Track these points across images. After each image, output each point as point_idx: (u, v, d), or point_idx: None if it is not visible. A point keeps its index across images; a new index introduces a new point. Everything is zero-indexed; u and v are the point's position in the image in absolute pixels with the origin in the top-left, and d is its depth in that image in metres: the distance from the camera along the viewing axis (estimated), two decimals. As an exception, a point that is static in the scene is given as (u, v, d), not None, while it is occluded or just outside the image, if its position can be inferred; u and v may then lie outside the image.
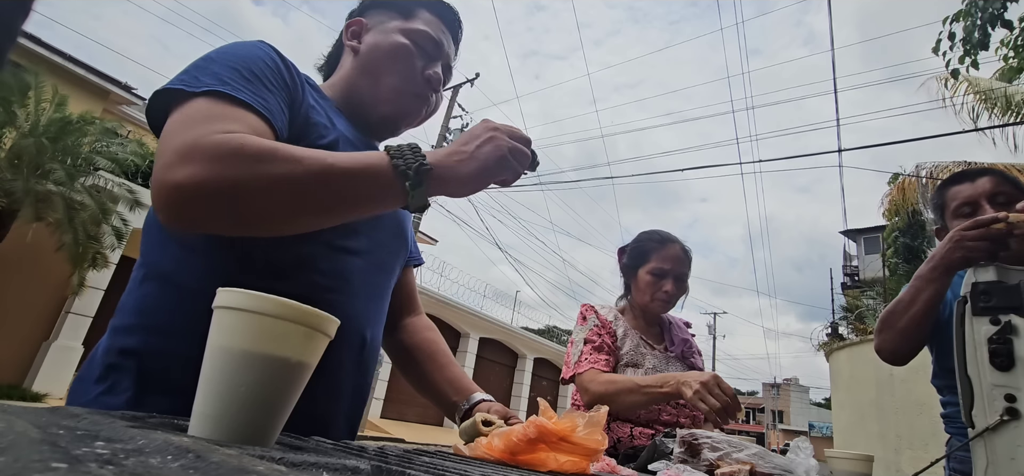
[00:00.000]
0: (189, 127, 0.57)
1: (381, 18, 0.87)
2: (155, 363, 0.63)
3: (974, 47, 4.06)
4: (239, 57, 0.67)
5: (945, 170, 8.21)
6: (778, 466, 0.73)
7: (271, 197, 0.55)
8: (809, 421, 39.10)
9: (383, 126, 0.87)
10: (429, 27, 0.86)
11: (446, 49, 0.89)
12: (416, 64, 0.84)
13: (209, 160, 0.53)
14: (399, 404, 11.85)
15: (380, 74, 0.83)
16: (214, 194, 0.53)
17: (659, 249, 1.53)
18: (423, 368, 0.99)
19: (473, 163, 0.62)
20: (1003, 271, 0.79)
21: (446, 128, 11.84)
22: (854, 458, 1.06)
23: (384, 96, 0.83)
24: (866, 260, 15.10)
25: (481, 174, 0.63)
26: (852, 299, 10.54)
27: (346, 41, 0.88)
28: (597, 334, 1.47)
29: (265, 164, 0.55)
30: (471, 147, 0.63)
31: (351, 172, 0.58)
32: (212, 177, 0.53)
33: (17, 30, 0.23)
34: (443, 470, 0.44)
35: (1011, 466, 0.71)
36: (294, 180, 0.55)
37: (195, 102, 0.60)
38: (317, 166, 0.57)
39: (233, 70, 0.64)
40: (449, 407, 0.95)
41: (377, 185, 0.60)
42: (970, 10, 4.02)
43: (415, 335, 1.02)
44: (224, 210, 0.55)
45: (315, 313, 0.43)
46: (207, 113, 0.59)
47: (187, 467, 0.26)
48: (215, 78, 0.62)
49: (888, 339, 1.21)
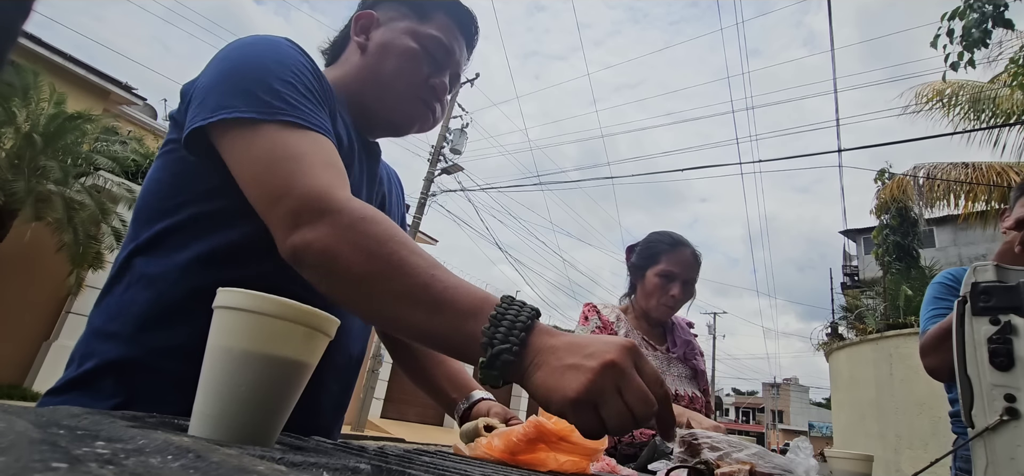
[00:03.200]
0: (295, 163, 0.57)
1: (393, 14, 0.83)
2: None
3: (973, 45, 4.07)
4: (287, 67, 0.64)
5: (946, 170, 8.22)
6: (778, 466, 0.73)
7: (371, 300, 0.54)
8: (809, 421, 39.09)
9: (385, 129, 0.86)
10: (442, 33, 0.82)
11: (457, 57, 0.85)
12: (422, 71, 0.80)
13: (343, 233, 0.54)
14: (399, 404, 11.85)
15: (385, 77, 0.80)
16: (334, 272, 0.54)
17: (670, 252, 1.50)
18: (421, 363, 0.98)
19: (575, 384, 0.46)
20: (1003, 271, 0.79)
21: (446, 128, 11.83)
22: (854, 458, 1.07)
23: (387, 101, 0.81)
24: (866, 260, 15.10)
25: (579, 404, 0.46)
26: (852, 299, 10.54)
27: (354, 35, 0.83)
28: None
29: (385, 275, 0.53)
30: (587, 363, 0.46)
31: (443, 305, 0.52)
32: (343, 257, 0.53)
33: (17, 30, 0.23)
34: (443, 470, 0.44)
35: (1011, 466, 0.71)
36: (397, 294, 0.53)
37: (272, 131, 0.59)
38: (421, 288, 0.52)
39: (290, 87, 0.63)
40: (448, 404, 0.95)
41: (458, 335, 0.51)
42: (969, 8, 4.03)
43: None
44: (329, 283, 0.55)
45: (315, 313, 0.43)
46: (296, 148, 0.59)
47: (187, 467, 0.26)
48: (284, 103, 0.61)
49: (945, 360, 1.15)
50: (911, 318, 6.64)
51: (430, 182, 11.43)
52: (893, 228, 9.31)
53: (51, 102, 6.43)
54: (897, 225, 9.29)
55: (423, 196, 11.27)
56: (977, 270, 0.81)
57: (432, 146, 11.70)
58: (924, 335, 1.21)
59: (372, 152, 0.86)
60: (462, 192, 11.90)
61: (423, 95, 0.81)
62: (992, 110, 7.06)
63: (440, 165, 11.63)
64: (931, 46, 4.31)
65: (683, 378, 1.50)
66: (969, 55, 4.11)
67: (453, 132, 11.93)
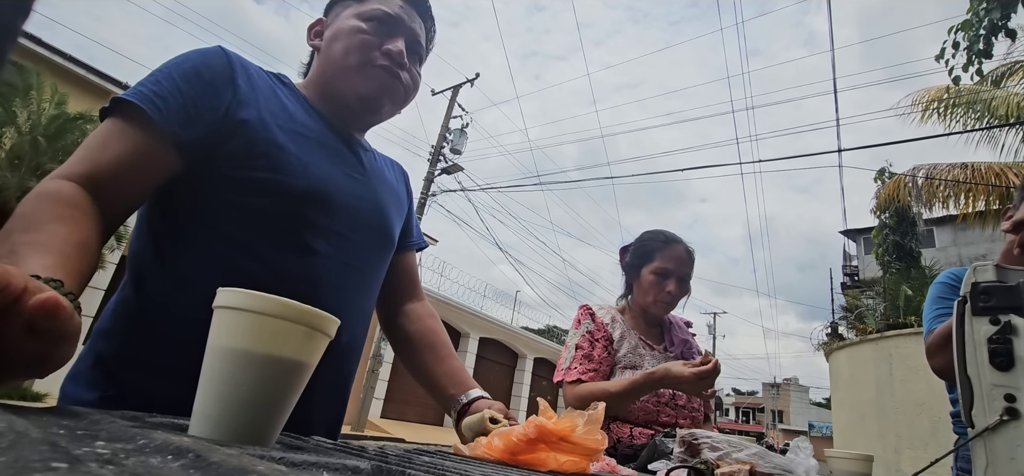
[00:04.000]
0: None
1: (338, 11, 0.88)
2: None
3: (977, 55, 4.08)
4: (176, 66, 0.71)
5: (946, 171, 8.22)
6: (778, 466, 0.73)
7: None
8: (809, 421, 39.11)
9: (360, 110, 0.87)
10: (383, 4, 0.86)
11: (408, 23, 0.88)
12: (372, 41, 0.84)
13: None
14: (399, 404, 11.86)
15: (337, 59, 0.83)
16: None
17: (663, 249, 1.51)
18: (421, 358, 0.98)
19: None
20: (1003, 271, 0.79)
21: (446, 128, 11.84)
22: (854, 458, 1.07)
23: (348, 80, 0.83)
24: (866, 260, 15.11)
25: None
26: (852, 299, 10.53)
27: (309, 43, 0.90)
28: (588, 341, 1.46)
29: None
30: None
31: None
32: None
33: (17, 30, 0.23)
34: (443, 470, 0.44)
35: (1011, 466, 0.71)
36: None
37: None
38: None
39: (169, 80, 0.69)
40: (445, 400, 0.94)
41: None
42: (973, 20, 4.05)
43: (416, 322, 1.01)
44: None
45: (316, 313, 0.43)
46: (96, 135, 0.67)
47: (187, 467, 0.26)
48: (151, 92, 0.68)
49: (949, 360, 1.16)
50: (911, 318, 6.64)
51: (430, 182, 11.43)
52: (892, 228, 9.32)
53: (53, 103, 6.44)
54: (896, 225, 9.31)
55: (423, 196, 11.27)
56: (977, 270, 0.81)
57: (432, 146, 11.70)
58: (930, 335, 1.21)
59: (352, 143, 0.88)
60: (462, 192, 11.91)
61: (379, 63, 0.84)
62: (990, 111, 7.08)
63: (440, 165, 11.63)
64: (936, 60, 4.32)
65: (682, 377, 1.50)
66: (976, 65, 4.13)
67: (453, 132, 11.93)
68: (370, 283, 0.87)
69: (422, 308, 1.04)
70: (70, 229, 0.55)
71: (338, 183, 0.79)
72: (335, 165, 0.81)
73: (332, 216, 0.77)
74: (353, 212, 0.81)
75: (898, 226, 9.29)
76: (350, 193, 0.81)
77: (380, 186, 0.91)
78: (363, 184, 0.86)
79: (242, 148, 0.70)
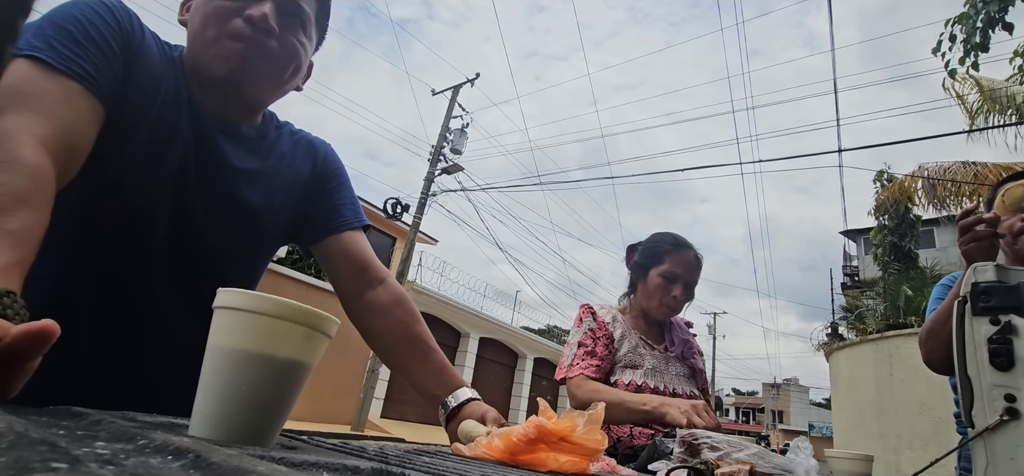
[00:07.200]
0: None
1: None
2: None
3: (974, 49, 4.09)
4: (68, 16, 0.66)
5: (946, 171, 8.22)
6: (778, 466, 0.73)
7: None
8: (809, 421, 39.09)
9: (227, 87, 0.79)
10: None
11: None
12: (230, 9, 0.76)
13: None
14: (399, 404, 11.85)
15: (198, 31, 0.77)
16: None
17: (673, 252, 1.50)
18: (397, 356, 0.92)
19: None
20: (1003, 271, 0.79)
21: (446, 128, 11.84)
22: (854, 458, 1.07)
23: (209, 51, 0.76)
24: (866, 260, 15.11)
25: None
26: (852, 299, 10.54)
27: (179, 21, 0.83)
28: (590, 338, 1.46)
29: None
30: None
31: None
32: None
33: (17, 30, 0.23)
34: (443, 470, 0.44)
35: (1011, 466, 0.71)
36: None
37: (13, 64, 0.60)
38: None
39: (64, 32, 0.65)
40: (431, 399, 0.89)
41: None
42: (970, 13, 4.06)
43: (384, 316, 0.92)
44: None
45: (315, 313, 0.43)
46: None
47: (187, 467, 0.26)
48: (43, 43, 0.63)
49: (936, 348, 1.16)
50: (911, 318, 6.65)
51: (430, 182, 11.43)
52: (891, 229, 9.34)
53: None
54: (894, 226, 9.33)
55: (423, 196, 11.27)
56: (977, 270, 0.81)
57: (432, 146, 11.70)
58: (922, 328, 1.24)
59: (234, 134, 0.82)
60: (462, 192, 11.90)
61: (241, 30, 0.76)
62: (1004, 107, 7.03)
63: (440, 165, 11.63)
64: (932, 53, 4.33)
65: (681, 377, 1.50)
66: (971, 59, 4.13)
67: (453, 132, 11.93)
68: (226, 278, 0.76)
69: (386, 295, 0.93)
70: (40, 218, 0.52)
71: (188, 169, 0.76)
72: (192, 149, 0.77)
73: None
74: (225, 201, 0.79)
75: (896, 227, 9.31)
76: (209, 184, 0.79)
77: (277, 175, 0.86)
78: (235, 173, 0.81)
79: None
